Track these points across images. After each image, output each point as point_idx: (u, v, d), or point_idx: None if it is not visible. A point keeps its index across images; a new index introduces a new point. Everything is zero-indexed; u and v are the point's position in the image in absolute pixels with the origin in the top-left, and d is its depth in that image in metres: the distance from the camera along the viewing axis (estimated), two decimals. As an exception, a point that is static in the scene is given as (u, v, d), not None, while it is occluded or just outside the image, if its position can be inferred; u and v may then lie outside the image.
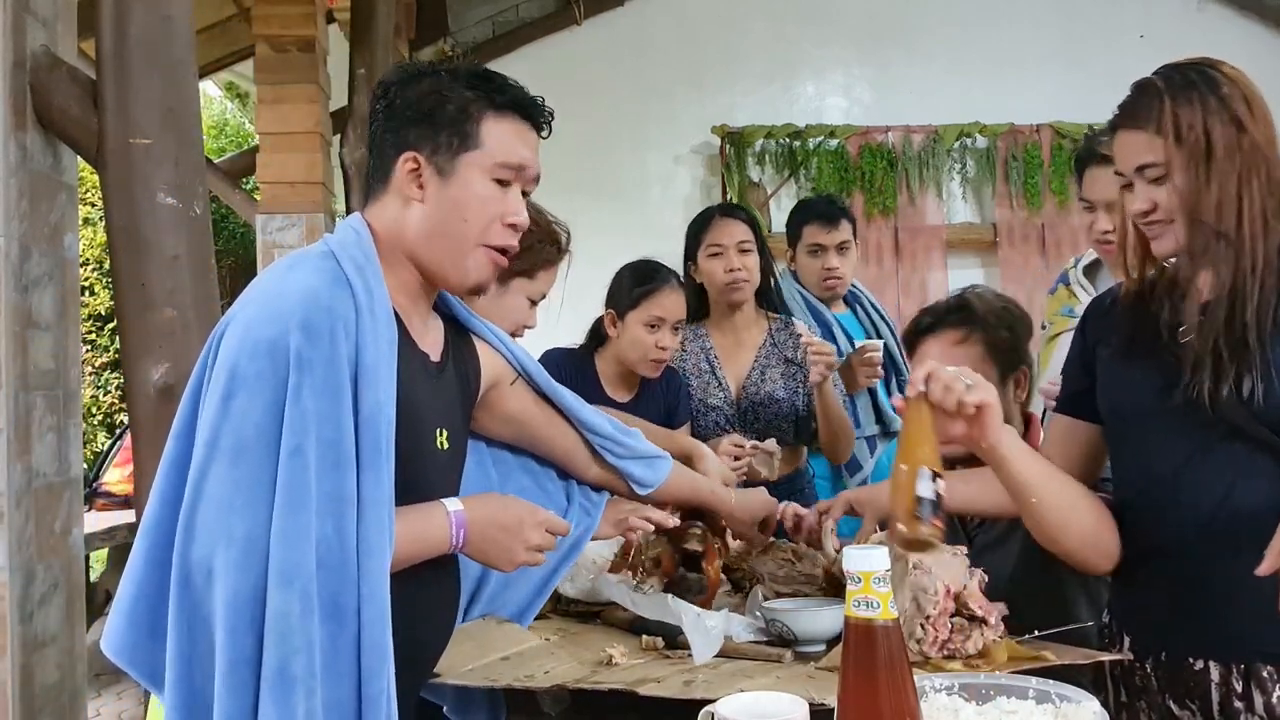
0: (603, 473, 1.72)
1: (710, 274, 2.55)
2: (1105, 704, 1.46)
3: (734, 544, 1.94)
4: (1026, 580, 1.64)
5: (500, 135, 1.33)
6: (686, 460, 1.91)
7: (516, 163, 1.34)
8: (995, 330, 1.81)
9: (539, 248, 1.85)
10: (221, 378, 1.19)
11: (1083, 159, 2.21)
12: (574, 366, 2.45)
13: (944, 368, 1.38)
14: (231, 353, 1.19)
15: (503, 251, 1.37)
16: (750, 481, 2.35)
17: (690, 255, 2.61)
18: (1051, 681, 1.08)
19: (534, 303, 1.89)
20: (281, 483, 1.15)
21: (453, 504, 1.34)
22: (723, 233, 2.54)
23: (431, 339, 1.42)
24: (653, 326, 2.35)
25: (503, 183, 1.34)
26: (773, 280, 2.64)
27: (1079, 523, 1.45)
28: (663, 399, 2.50)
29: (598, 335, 2.47)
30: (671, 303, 2.36)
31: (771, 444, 2.33)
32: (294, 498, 1.15)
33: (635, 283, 2.39)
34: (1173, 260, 1.46)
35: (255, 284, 1.30)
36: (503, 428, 1.63)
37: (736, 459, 2.24)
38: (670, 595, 1.68)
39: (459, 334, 1.50)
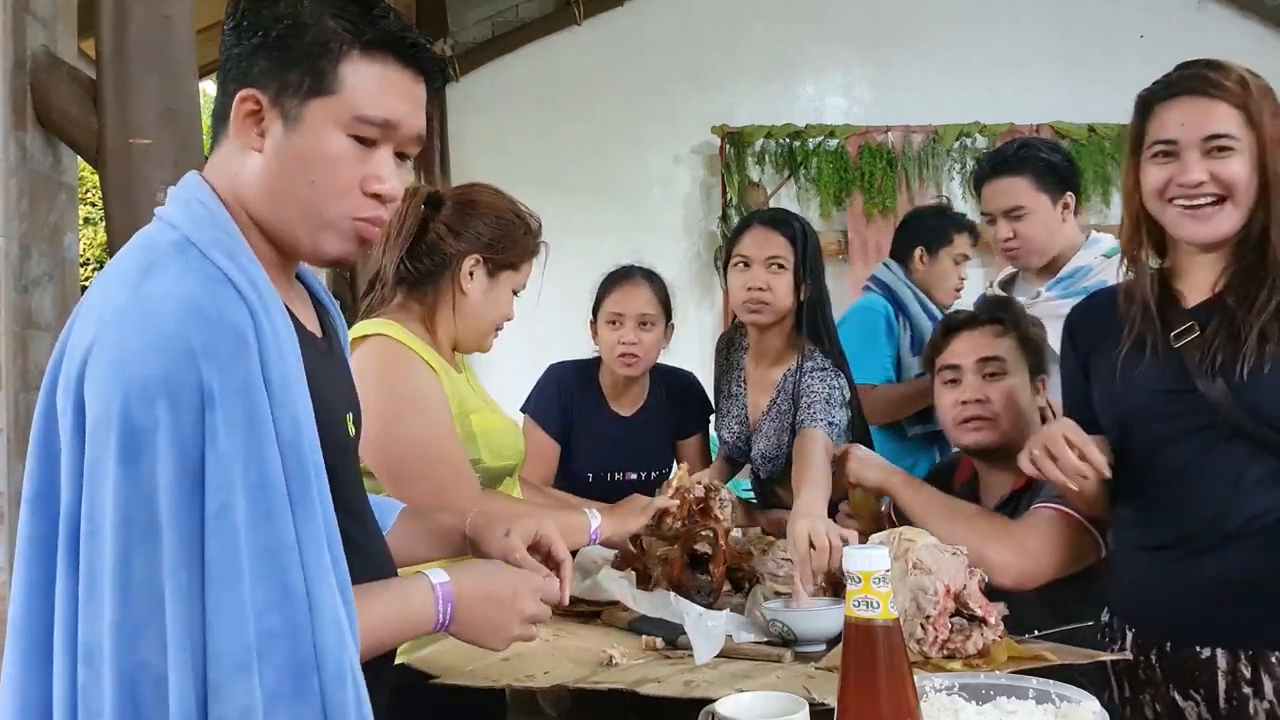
0: None
1: (731, 289, 2.24)
2: (1110, 700, 1.47)
3: (734, 533, 1.93)
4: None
5: (365, 81, 1.06)
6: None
7: (382, 118, 1.07)
8: (1027, 329, 1.89)
9: (523, 239, 1.82)
10: (111, 435, 0.93)
11: (979, 177, 2.37)
12: (580, 380, 2.41)
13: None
14: (112, 400, 0.93)
15: (371, 224, 1.11)
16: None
17: (726, 261, 2.29)
18: (1051, 681, 1.08)
19: (514, 294, 1.87)
20: (210, 554, 0.93)
21: (437, 575, 1.16)
22: (754, 243, 2.18)
23: (308, 312, 1.19)
24: (613, 323, 2.31)
25: (364, 141, 1.07)
26: (816, 310, 2.20)
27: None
28: (671, 408, 2.45)
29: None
30: (630, 297, 2.31)
31: (725, 492, 1.97)
32: (228, 568, 0.93)
33: (602, 285, 2.37)
34: (1166, 263, 1.48)
35: (100, 298, 1.01)
36: None
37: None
38: (673, 594, 1.68)
39: (318, 300, 1.25)
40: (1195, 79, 1.41)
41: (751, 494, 2.48)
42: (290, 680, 0.95)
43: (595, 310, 2.37)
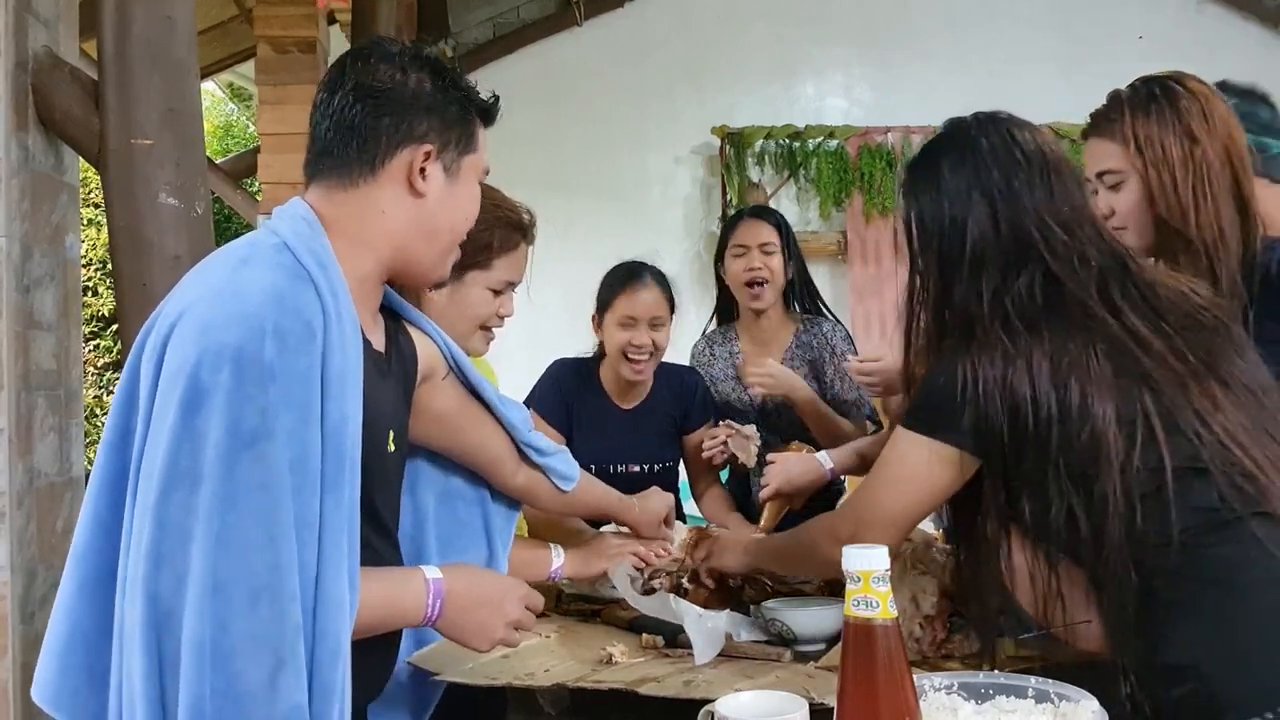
0: (527, 477, 1.61)
1: (733, 273, 2.54)
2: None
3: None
4: None
5: (483, 140, 1.32)
6: (615, 516, 1.85)
7: (487, 167, 1.34)
8: None
9: (486, 236, 1.73)
10: (177, 388, 1.04)
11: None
12: (579, 376, 2.43)
13: None
14: (187, 359, 1.05)
15: None
16: (733, 466, 2.44)
17: (719, 255, 2.64)
18: (1051, 681, 1.09)
19: (498, 292, 1.78)
20: (258, 518, 1.04)
21: (431, 571, 1.25)
22: (747, 233, 2.55)
23: (379, 333, 1.32)
24: (625, 326, 2.32)
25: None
26: (803, 283, 2.62)
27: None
28: (675, 404, 2.46)
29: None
30: (645, 300, 2.32)
31: (750, 429, 2.31)
32: (266, 533, 1.03)
33: (610, 283, 2.37)
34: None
35: (199, 278, 1.16)
36: (428, 428, 1.48)
37: (715, 441, 2.30)
38: (672, 595, 1.68)
39: (396, 324, 1.39)
40: (1092, 119, 1.61)
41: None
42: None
43: (602, 308, 2.37)
